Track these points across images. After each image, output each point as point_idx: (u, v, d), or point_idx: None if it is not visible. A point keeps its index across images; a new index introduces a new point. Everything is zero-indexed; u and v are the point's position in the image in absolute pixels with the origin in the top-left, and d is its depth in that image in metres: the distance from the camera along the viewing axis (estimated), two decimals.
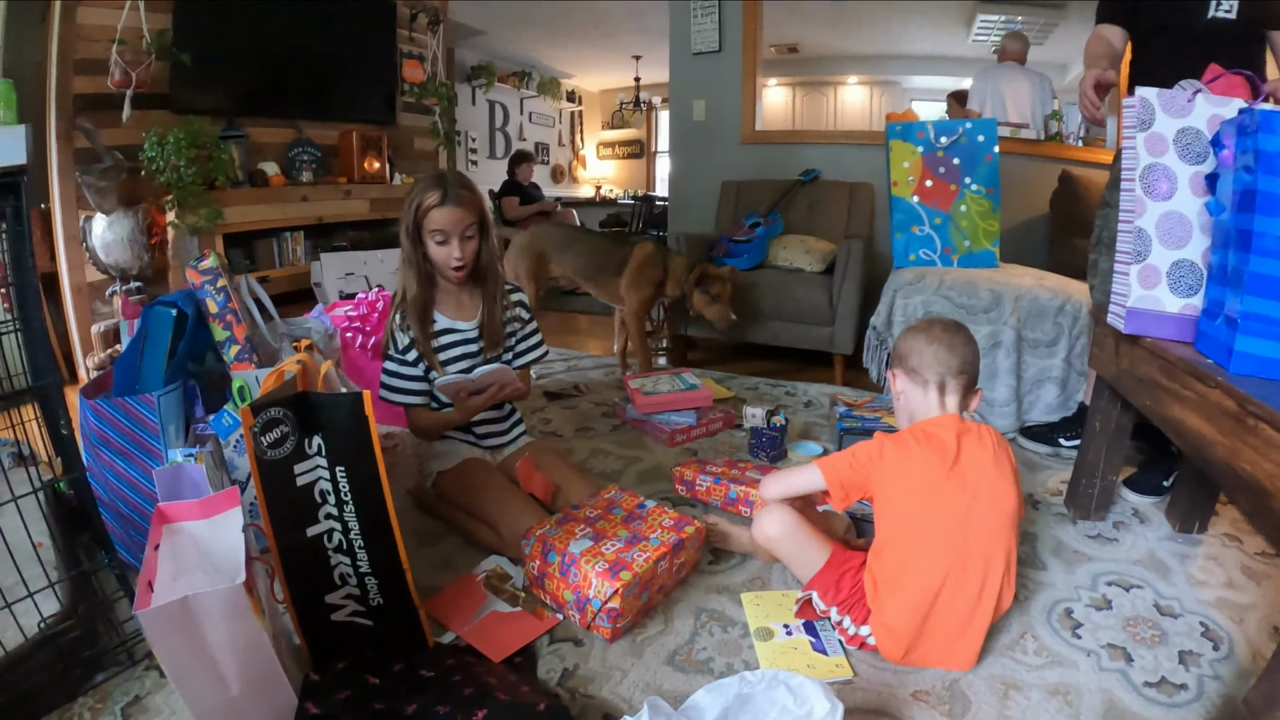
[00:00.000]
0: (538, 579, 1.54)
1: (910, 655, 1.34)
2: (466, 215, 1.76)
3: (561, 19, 6.53)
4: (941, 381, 1.42)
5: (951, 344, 1.43)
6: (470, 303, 1.92)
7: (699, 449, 2.42)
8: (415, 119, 5.35)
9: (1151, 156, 1.47)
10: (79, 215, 3.17)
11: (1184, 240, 1.47)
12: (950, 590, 1.30)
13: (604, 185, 10.11)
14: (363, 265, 4.06)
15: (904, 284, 2.66)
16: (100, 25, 3.25)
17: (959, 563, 1.30)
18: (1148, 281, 1.50)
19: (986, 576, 1.30)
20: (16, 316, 1.22)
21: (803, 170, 3.93)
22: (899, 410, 1.52)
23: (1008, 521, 1.33)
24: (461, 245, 1.78)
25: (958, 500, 1.32)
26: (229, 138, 3.83)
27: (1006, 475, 1.36)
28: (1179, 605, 1.53)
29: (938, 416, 1.41)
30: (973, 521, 1.31)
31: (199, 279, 1.85)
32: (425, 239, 1.78)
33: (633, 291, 3.11)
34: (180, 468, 1.37)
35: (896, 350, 1.52)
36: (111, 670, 1.32)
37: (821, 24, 4.50)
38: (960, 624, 1.31)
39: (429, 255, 1.80)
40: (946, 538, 1.31)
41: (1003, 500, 1.33)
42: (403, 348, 1.84)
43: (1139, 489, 2.01)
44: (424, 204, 1.74)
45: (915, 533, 1.33)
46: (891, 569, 1.35)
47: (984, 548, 1.31)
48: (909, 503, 1.35)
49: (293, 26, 4.26)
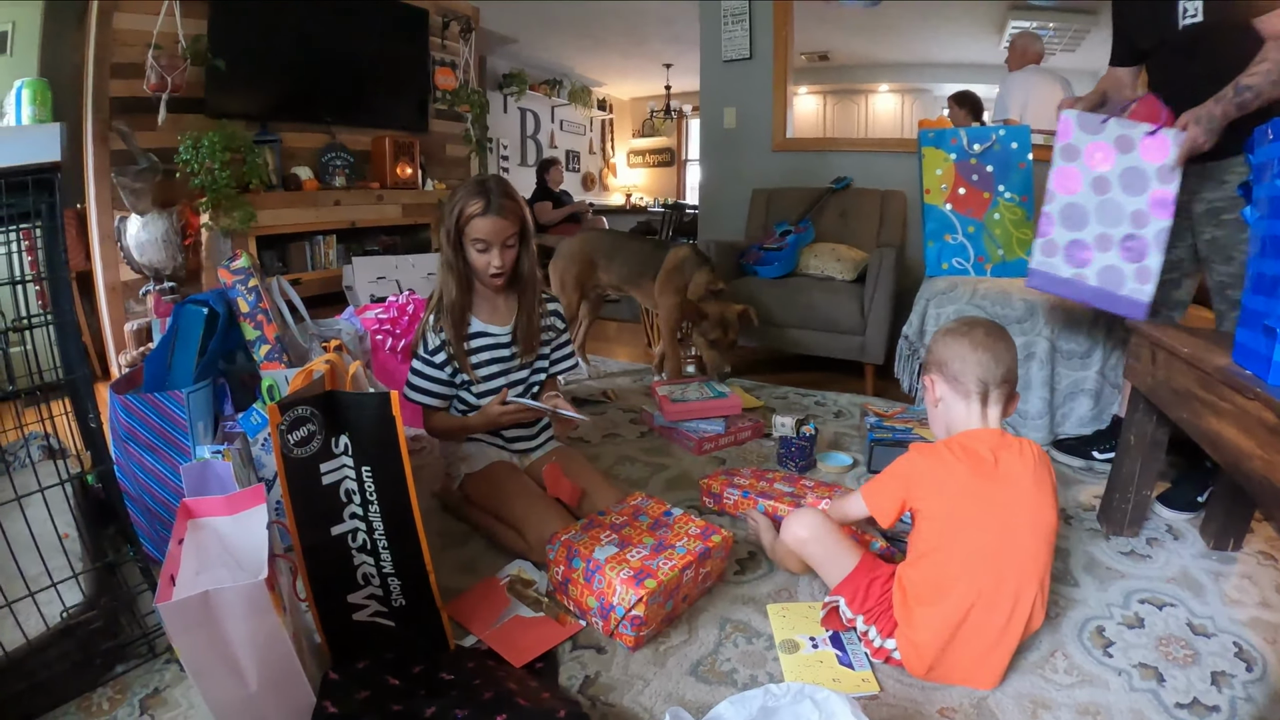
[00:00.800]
0: (561, 584, 1.52)
1: (935, 671, 1.31)
2: (509, 225, 1.76)
3: (593, 27, 6.55)
4: (985, 392, 1.36)
5: (996, 351, 1.37)
6: (505, 308, 1.92)
7: (727, 458, 2.39)
8: (447, 126, 5.39)
9: (1065, 161, 2.01)
10: (114, 215, 3.23)
11: (1080, 226, 2.01)
12: (982, 609, 1.26)
13: (634, 193, 10.13)
14: (394, 269, 4.08)
15: (937, 293, 2.62)
16: (136, 30, 3.31)
17: (993, 581, 1.26)
18: (1049, 251, 2.06)
19: (1019, 597, 1.26)
20: (49, 310, 1.23)
21: (834, 178, 3.89)
22: (935, 419, 1.47)
23: (1045, 541, 1.29)
24: (502, 254, 1.77)
25: (995, 518, 1.28)
26: (263, 142, 3.88)
27: (1046, 493, 1.31)
28: (1212, 624, 1.49)
29: (978, 430, 1.36)
30: (1010, 540, 1.27)
31: (231, 278, 1.86)
32: (466, 245, 1.78)
33: (662, 296, 3.10)
34: (208, 464, 1.38)
35: (934, 354, 1.44)
36: (132, 662, 1.33)
37: (852, 31, 4.47)
38: (989, 644, 1.27)
39: (469, 261, 1.80)
40: (982, 555, 1.27)
41: (1041, 519, 1.29)
42: (432, 349, 1.84)
43: (1174, 505, 1.95)
44: (466, 211, 1.74)
45: (951, 549, 1.29)
46: (924, 583, 1.31)
47: (1020, 567, 1.27)
48: (946, 518, 1.31)
49: (326, 33, 4.31)
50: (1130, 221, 1.93)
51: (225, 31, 3.67)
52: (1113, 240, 1.96)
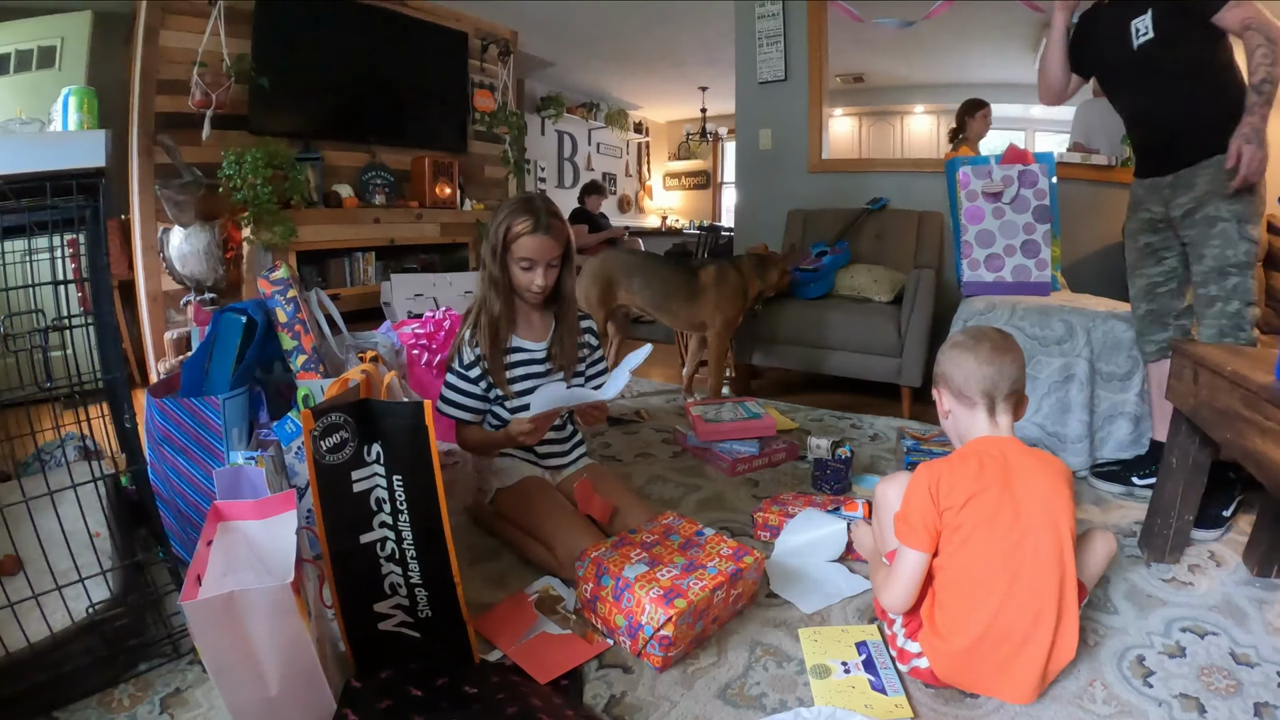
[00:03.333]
0: (590, 602, 1.49)
1: (959, 677, 1.28)
2: (555, 245, 1.76)
3: (630, 51, 6.62)
4: (991, 403, 1.39)
5: (1001, 365, 1.38)
6: (541, 324, 1.92)
7: (760, 479, 2.35)
8: (486, 147, 5.47)
9: (969, 202, 2.75)
10: (157, 227, 3.31)
11: (991, 244, 2.75)
12: (1004, 611, 1.24)
13: (670, 215, 10.17)
14: (431, 287, 4.12)
15: (975, 313, 2.57)
16: (182, 48, 3.42)
17: (1009, 585, 1.24)
18: (973, 267, 2.78)
19: (1041, 597, 1.24)
20: (90, 312, 1.25)
21: (870, 199, 3.86)
22: (948, 430, 1.49)
23: (1064, 544, 1.27)
24: (546, 273, 1.78)
25: (1010, 517, 1.27)
26: (305, 159, 3.96)
27: (1063, 498, 1.30)
28: (1255, 653, 1.42)
29: (990, 436, 1.38)
30: (1026, 544, 1.25)
31: (270, 289, 1.88)
32: (510, 262, 1.77)
33: (719, 312, 3.09)
34: (240, 469, 1.38)
35: (940, 368, 1.47)
36: (156, 661, 1.33)
37: (887, 53, 4.46)
38: (1014, 649, 1.24)
39: (511, 277, 1.80)
40: (998, 558, 1.26)
41: (1058, 521, 1.28)
42: (467, 363, 1.84)
43: (1201, 523, 1.87)
44: (514, 229, 1.73)
45: (967, 553, 1.28)
46: (949, 585, 1.30)
47: (1038, 571, 1.25)
48: (961, 523, 1.29)
49: (368, 54, 4.42)
50: (1023, 231, 2.71)
51: (269, 51, 3.77)
52: (1015, 247, 2.72)
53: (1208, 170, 1.91)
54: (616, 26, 5.80)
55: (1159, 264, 2.14)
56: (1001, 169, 2.71)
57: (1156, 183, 2.08)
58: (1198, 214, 1.94)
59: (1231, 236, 1.89)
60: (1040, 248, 2.70)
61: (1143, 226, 2.16)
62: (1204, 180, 1.92)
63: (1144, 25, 1.96)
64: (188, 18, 3.47)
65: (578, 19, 5.55)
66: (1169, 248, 2.11)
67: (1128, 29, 2.00)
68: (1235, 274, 1.91)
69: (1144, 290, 2.18)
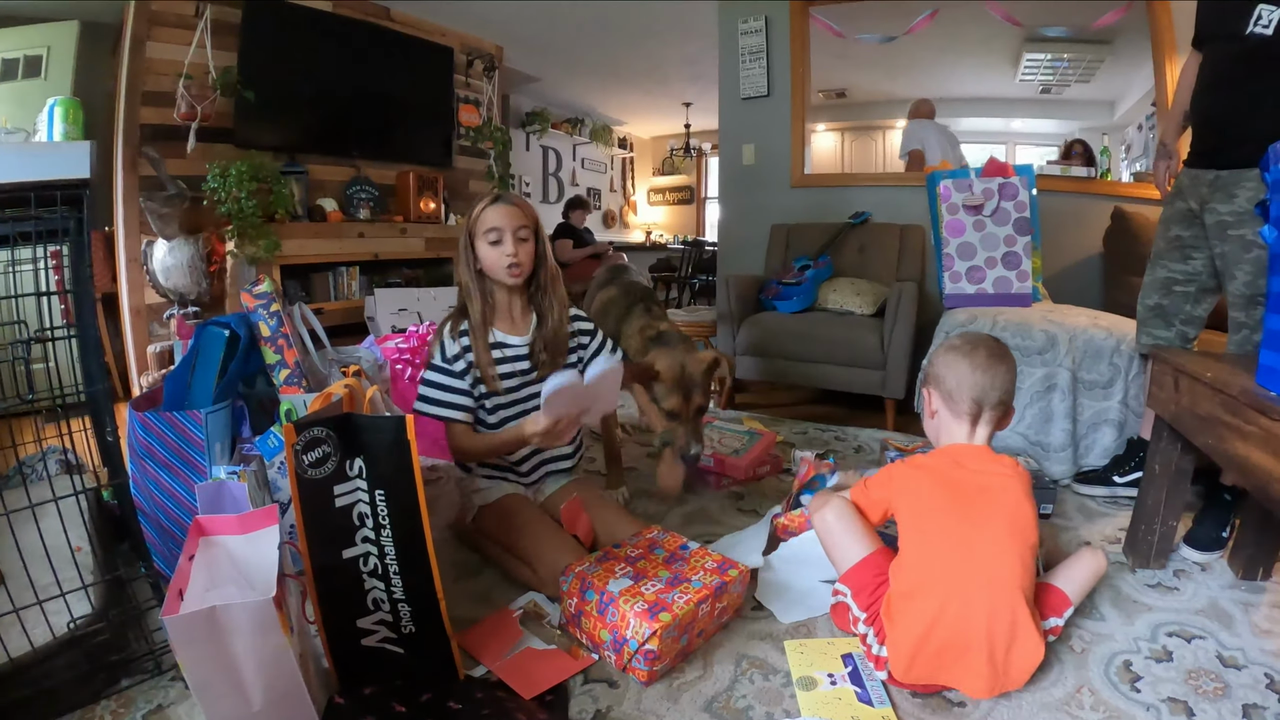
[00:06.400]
0: (574, 617, 1.49)
1: (915, 672, 1.31)
2: (518, 214, 1.74)
3: (614, 67, 6.65)
4: (977, 413, 1.43)
5: (994, 375, 1.41)
6: (522, 319, 1.86)
7: (745, 493, 2.36)
8: (471, 162, 5.48)
9: (950, 215, 2.80)
10: (141, 239, 3.30)
11: (972, 256, 2.79)
12: (955, 609, 1.27)
13: (654, 230, 10.22)
14: (416, 302, 4.11)
15: (957, 325, 2.60)
16: (168, 60, 3.42)
17: (962, 585, 1.28)
18: (955, 280, 2.83)
19: (994, 601, 1.27)
20: (73, 324, 1.24)
21: (853, 213, 3.90)
22: (929, 428, 1.55)
23: (1022, 555, 1.31)
24: (516, 245, 1.73)
25: (967, 525, 1.33)
26: (290, 173, 3.95)
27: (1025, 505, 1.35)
28: (1243, 656, 1.44)
29: (964, 445, 1.44)
30: (978, 547, 1.31)
31: (253, 302, 1.87)
32: (479, 245, 1.75)
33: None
34: (223, 484, 1.37)
35: (934, 368, 1.50)
36: (137, 677, 1.32)
37: (869, 68, 4.50)
38: (967, 644, 1.27)
39: (482, 260, 1.76)
40: (955, 559, 1.31)
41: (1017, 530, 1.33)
42: (451, 356, 1.77)
43: (1199, 545, 1.87)
44: (477, 211, 1.75)
45: (924, 552, 1.35)
46: (902, 583, 1.35)
47: (992, 574, 1.29)
48: (919, 525, 1.37)
49: (354, 69, 4.42)
50: (1004, 243, 2.75)
51: (255, 64, 3.77)
52: (997, 259, 2.77)
53: (1252, 183, 1.78)
54: (601, 42, 5.83)
55: (1184, 261, 2.02)
56: (982, 182, 2.75)
57: (1199, 175, 1.94)
58: (1233, 230, 1.83)
59: (1264, 265, 1.74)
60: (1021, 259, 2.74)
61: (1178, 216, 2.03)
62: (1245, 195, 1.80)
63: (1270, 17, 1.74)
64: (174, 29, 3.47)
65: (563, 35, 5.58)
66: (1198, 247, 1.98)
67: (1252, 9, 1.76)
68: (1264, 305, 1.75)
69: (1160, 283, 2.09)
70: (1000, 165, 2.81)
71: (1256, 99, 1.78)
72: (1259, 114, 1.77)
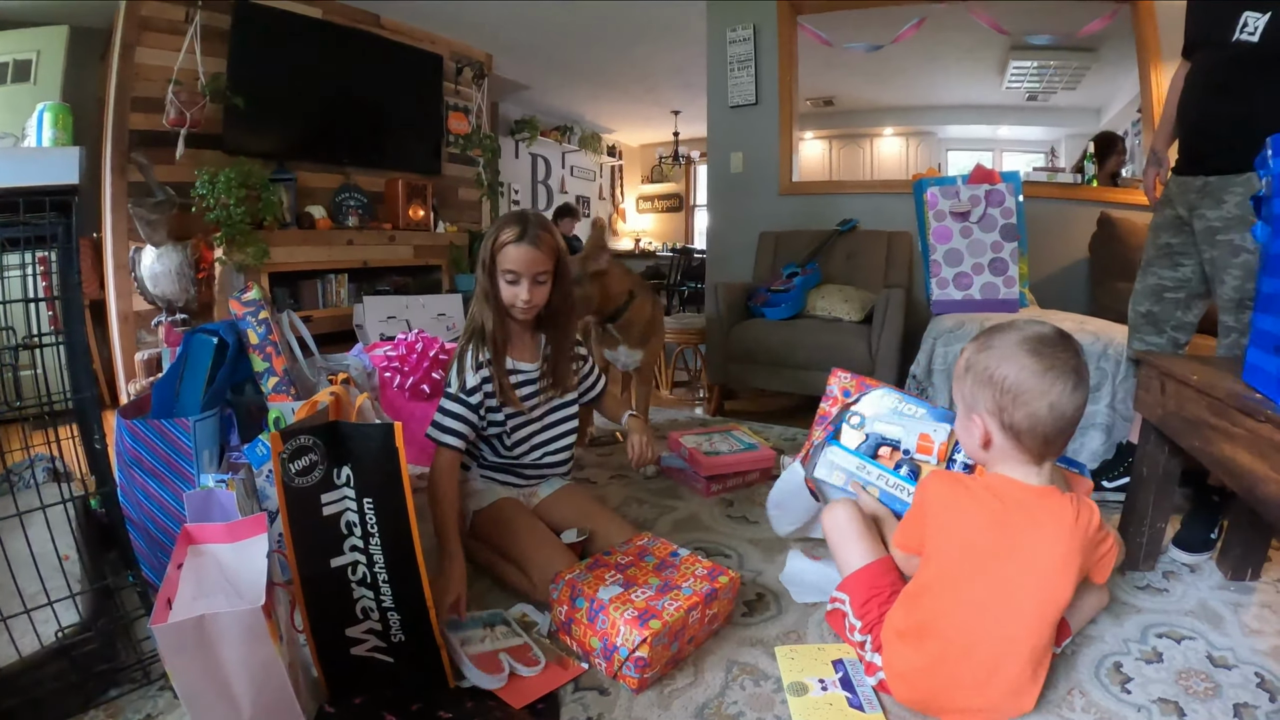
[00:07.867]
0: (565, 624, 1.49)
1: (906, 698, 1.29)
2: (541, 258, 1.73)
3: (603, 75, 6.68)
4: (1043, 455, 1.22)
5: (1077, 406, 1.18)
6: (532, 344, 1.89)
7: (735, 499, 2.36)
8: (460, 169, 5.48)
9: (937, 222, 2.84)
10: (129, 246, 3.28)
11: (959, 263, 2.84)
12: (953, 663, 1.22)
13: (643, 238, 10.24)
14: (404, 309, 4.11)
15: (944, 331, 2.61)
16: (158, 65, 3.41)
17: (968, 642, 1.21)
18: (942, 285, 2.86)
19: (999, 665, 1.20)
20: (60, 330, 1.23)
21: (840, 220, 3.93)
22: (971, 449, 1.31)
23: (1047, 618, 1.21)
24: (531, 289, 1.73)
25: (996, 578, 1.21)
26: (278, 180, 3.94)
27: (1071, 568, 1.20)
28: (1233, 656, 1.45)
29: (1022, 485, 1.23)
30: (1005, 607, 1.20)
31: (242, 310, 1.87)
32: (498, 275, 1.74)
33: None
34: (211, 492, 1.36)
35: (998, 393, 1.20)
36: (126, 687, 1.31)
37: (856, 76, 4.55)
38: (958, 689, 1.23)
39: (500, 292, 1.76)
40: (972, 613, 1.22)
41: (1051, 595, 1.20)
42: (470, 387, 1.76)
43: (1187, 546, 1.88)
44: (500, 239, 1.72)
45: (941, 596, 1.25)
46: (908, 619, 1.29)
47: (1008, 636, 1.20)
48: (944, 563, 1.26)
49: (343, 76, 4.43)
50: (990, 249, 2.80)
51: (244, 71, 3.77)
52: (984, 265, 2.82)
53: (1240, 189, 1.80)
54: (590, 50, 5.86)
55: (1174, 269, 2.05)
56: (968, 189, 2.81)
57: (1188, 183, 1.96)
58: (1222, 235, 1.86)
59: (1253, 269, 1.75)
60: (1008, 265, 2.79)
61: (1167, 223, 2.06)
62: (1234, 200, 1.81)
63: (1255, 24, 1.76)
64: (164, 35, 3.46)
65: (552, 43, 5.60)
66: (1188, 254, 2.01)
67: (1238, 16, 1.79)
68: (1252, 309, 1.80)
69: (1151, 290, 2.12)
70: (986, 172, 2.86)
71: (1243, 105, 1.80)
72: (1246, 120, 1.76)
